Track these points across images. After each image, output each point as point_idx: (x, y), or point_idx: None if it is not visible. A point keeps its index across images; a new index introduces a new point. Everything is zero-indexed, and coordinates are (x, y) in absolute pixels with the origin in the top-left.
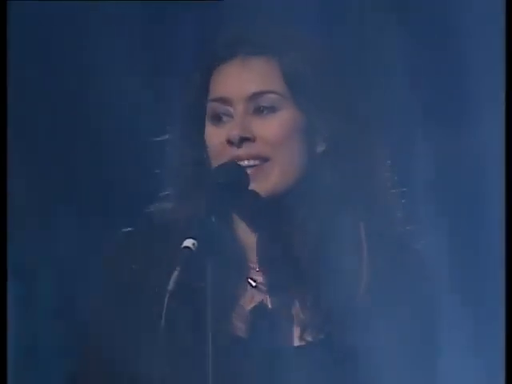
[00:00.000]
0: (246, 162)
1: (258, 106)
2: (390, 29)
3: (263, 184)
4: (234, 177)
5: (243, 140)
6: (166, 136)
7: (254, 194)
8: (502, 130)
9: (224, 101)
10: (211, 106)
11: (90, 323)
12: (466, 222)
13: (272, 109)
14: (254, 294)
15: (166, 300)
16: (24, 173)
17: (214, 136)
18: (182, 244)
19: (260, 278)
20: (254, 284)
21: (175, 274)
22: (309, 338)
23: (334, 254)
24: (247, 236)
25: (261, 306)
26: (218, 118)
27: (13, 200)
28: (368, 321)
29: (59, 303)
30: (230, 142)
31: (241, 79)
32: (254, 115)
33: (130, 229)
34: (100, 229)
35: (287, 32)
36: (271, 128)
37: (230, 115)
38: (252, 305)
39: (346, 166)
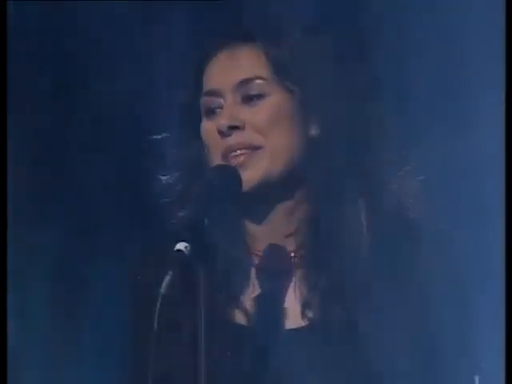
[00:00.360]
0: (238, 152)
1: (247, 94)
2: (390, 28)
3: (255, 170)
4: (228, 176)
5: (232, 129)
6: (167, 134)
7: (249, 187)
8: (502, 129)
9: (214, 93)
10: (204, 101)
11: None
12: (465, 222)
13: (260, 95)
14: (255, 284)
15: (159, 304)
16: (24, 175)
17: (209, 130)
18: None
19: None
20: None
21: (167, 277)
22: (310, 315)
23: (335, 234)
24: (252, 227)
25: (263, 295)
26: (211, 112)
27: (13, 200)
28: (370, 296)
29: (59, 305)
30: (220, 133)
31: (227, 69)
32: (243, 104)
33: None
34: (99, 229)
35: (273, 23)
36: (260, 114)
37: (221, 107)
38: (254, 294)
39: (343, 147)
